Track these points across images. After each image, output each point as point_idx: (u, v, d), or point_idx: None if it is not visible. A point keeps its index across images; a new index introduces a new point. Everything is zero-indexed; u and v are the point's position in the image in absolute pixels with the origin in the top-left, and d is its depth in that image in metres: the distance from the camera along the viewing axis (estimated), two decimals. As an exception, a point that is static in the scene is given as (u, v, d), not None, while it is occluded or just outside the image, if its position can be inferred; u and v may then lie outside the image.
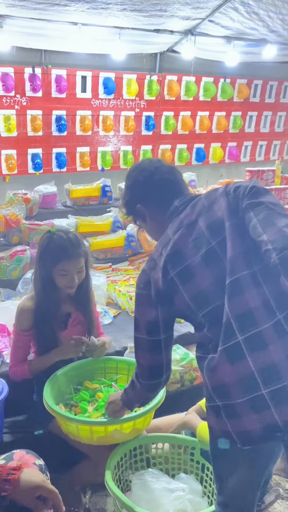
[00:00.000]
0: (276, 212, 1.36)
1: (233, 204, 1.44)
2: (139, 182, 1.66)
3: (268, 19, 4.40)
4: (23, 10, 3.66)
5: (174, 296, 1.48)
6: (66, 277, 2.10)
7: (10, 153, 4.47)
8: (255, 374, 1.31)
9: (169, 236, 1.53)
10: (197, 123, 5.47)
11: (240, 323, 1.34)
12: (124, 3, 3.78)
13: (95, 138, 4.92)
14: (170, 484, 1.72)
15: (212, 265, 1.42)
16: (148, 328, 1.55)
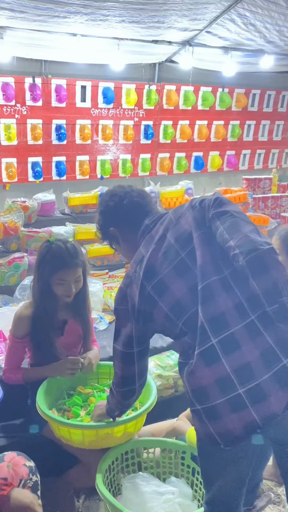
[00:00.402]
0: (240, 219, 1.46)
1: (199, 216, 1.54)
2: (111, 207, 1.76)
3: (265, 30, 4.47)
4: (24, 21, 3.73)
5: (153, 310, 1.54)
6: (64, 286, 2.13)
7: (11, 161, 4.53)
8: (231, 374, 1.37)
9: (142, 253, 1.61)
10: (196, 132, 5.53)
11: (213, 326, 1.40)
12: (122, 15, 3.85)
13: (94, 146, 4.98)
14: (160, 488, 1.74)
15: (184, 275, 1.50)
16: (124, 341, 1.63)
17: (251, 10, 4.08)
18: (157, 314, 1.54)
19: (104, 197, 1.81)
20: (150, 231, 1.66)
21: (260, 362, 1.37)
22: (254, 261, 1.35)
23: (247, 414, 1.35)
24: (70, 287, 2.14)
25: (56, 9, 3.54)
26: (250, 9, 4.07)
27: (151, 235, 1.64)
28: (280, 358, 1.37)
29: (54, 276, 2.12)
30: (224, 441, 1.39)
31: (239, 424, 1.36)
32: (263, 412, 1.35)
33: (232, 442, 1.38)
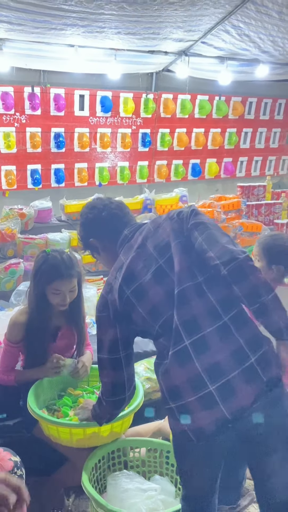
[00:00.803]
0: (215, 230, 1.60)
1: (177, 227, 1.65)
2: (90, 219, 1.86)
3: (259, 40, 4.57)
4: (22, 34, 3.84)
5: (131, 313, 1.63)
6: (59, 296, 2.21)
7: (10, 169, 4.63)
8: (202, 373, 1.47)
9: (122, 261, 1.71)
10: (193, 139, 5.62)
11: (186, 329, 1.51)
12: (118, 27, 3.95)
13: (92, 154, 5.07)
14: (143, 485, 1.81)
15: (161, 281, 1.60)
16: (109, 347, 1.70)
17: (245, 22, 4.18)
18: (135, 317, 1.63)
19: (84, 210, 1.91)
20: (129, 240, 1.75)
21: (229, 360, 1.48)
22: (235, 270, 1.49)
23: (218, 410, 1.45)
24: (65, 297, 2.21)
25: (53, 21, 3.65)
26: (243, 21, 4.16)
27: (130, 244, 1.73)
28: (248, 356, 1.49)
29: (50, 286, 2.20)
30: (197, 436, 1.47)
31: (211, 419, 1.45)
32: (232, 407, 1.45)
33: (204, 437, 1.47)
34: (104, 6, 3.50)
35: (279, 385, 1.52)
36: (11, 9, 3.36)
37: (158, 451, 2.03)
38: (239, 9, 3.93)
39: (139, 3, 3.53)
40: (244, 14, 4.04)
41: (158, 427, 2.11)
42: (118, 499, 1.76)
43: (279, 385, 1.52)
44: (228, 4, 3.88)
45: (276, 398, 1.51)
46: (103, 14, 3.65)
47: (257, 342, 1.52)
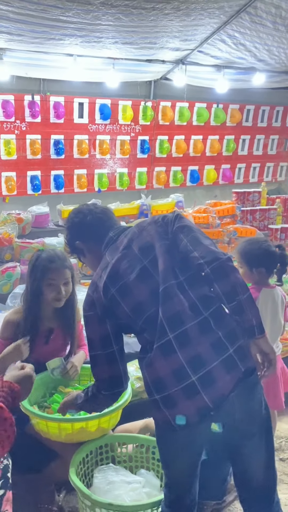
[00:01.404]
0: (199, 233, 1.72)
1: (162, 230, 1.75)
2: (75, 223, 1.94)
3: (255, 49, 4.66)
4: (22, 44, 3.95)
5: (116, 310, 1.72)
6: (54, 287, 2.27)
7: (10, 175, 4.74)
8: (185, 365, 1.57)
9: (107, 261, 1.79)
10: (191, 146, 5.71)
11: (170, 323, 1.61)
12: (115, 37, 4.05)
13: (92, 161, 5.17)
14: (128, 478, 1.87)
15: (145, 280, 1.69)
16: (102, 343, 1.75)
17: (240, 31, 4.27)
18: (119, 313, 1.72)
19: (71, 214, 1.99)
20: (114, 242, 1.84)
21: (210, 352, 1.58)
22: (217, 269, 1.61)
23: (200, 399, 1.55)
24: (60, 289, 2.28)
25: (52, 32, 3.76)
26: (239, 30, 4.26)
27: (116, 245, 1.82)
28: (227, 347, 1.59)
29: (45, 278, 2.27)
30: (180, 425, 1.56)
31: (193, 408, 1.55)
32: (213, 395, 1.55)
33: (187, 425, 1.55)
34: (101, 17, 3.60)
35: (254, 374, 1.63)
36: (11, 20, 3.47)
37: (144, 447, 2.09)
38: (233, 19, 4.03)
39: (135, 14, 3.63)
40: (239, 24, 4.13)
41: (146, 423, 2.17)
42: (103, 491, 1.82)
43: (254, 373, 1.63)
44: (223, 15, 3.97)
45: (251, 385, 1.62)
46: (100, 25, 3.75)
47: (234, 335, 1.62)
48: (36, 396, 2.23)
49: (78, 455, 1.97)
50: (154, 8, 3.57)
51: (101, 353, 1.75)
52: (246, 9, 3.86)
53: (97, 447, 2.07)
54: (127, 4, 3.43)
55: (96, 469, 1.97)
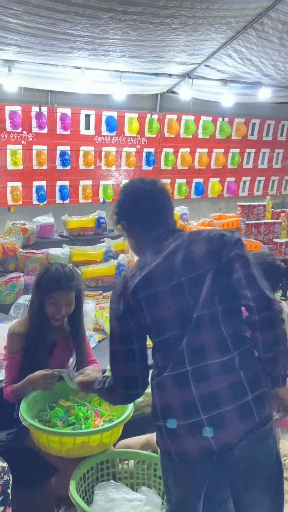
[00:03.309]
0: (256, 270, 1.54)
1: (216, 250, 1.55)
2: (126, 203, 1.73)
3: (261, 64, 4.69)
4: (30, 56, 4.00)
5: (139, 314, 1.60)
6: (55, 306, 2.24)
7: (16, 185, 4.76)
8: (197, 401, 1.47)
9: (147, 261, 1.63)
10: (196, 159, 5.73)
11: (192, 356, 1.50)
12: (122, 51, 4.09)
13: (97, 172, 5.19)
14: (129, 495, 1.84)
15: (176, 297, 1.55)
16: (121, 338, 1.62)
17: (246, 46, 4.31)
18: (141, 319, 1.60)
19: (123, 189, 1.76)
20: (161, 242, 1.64)
21: (227, 394, 1.47)
22: (267, 319, 1.49)
23: (205, 440, 1.46)
24: (61, 309, 2.25)
25: (60, 45, 3.80)
26: (245, 45, 4.29)
27: (161, 247, 1.63)
28: (247, 393, 1.48)
29: (48, 295, 2.25)
30: (180, 458, 1.50)
31: (196, 447, 1.47)
32: (220, 440, 1.45)
33: (187, 460, 1.49)
34: (109, 31, 3.64)
35: (268, 424, 1.52)
36: (20, 33, 3.51)
37: (146, 464, 2.06)
38: (240, 34, 4.07)
39: (143, 28, 3.67)
40: (246, 39, 4.17)
41: (147, 439, 2.14)
42: (103, 508, 1.79)
43: (268, 424, 1.52)
44: (230, 30, 4.01)
45: (263, 436, 1.51)
46: (108, 39, 3.79)
47: (258, 381, 1.51)
48: (37, 410, 2.20)
49: (78, 470, 1.95)
50: (162, 23, 3.61)
51: (120, 349, 1.62)
52: (253, 25, 3.90)
53: (98, 462, 2.04)
54: (135, 19, 3.47)
55: (96, 485, 1.94)
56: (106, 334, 3.21)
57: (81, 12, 3.25)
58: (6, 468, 1.66)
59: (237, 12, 3.68)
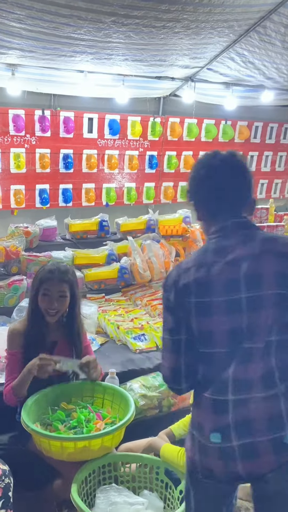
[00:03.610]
0: None
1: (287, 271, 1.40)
2: (193, 180, 1.58)
3: (264, 67, 4.69)
4: (33, 60, 4.01)
5: (188, 313, 1.48)
6: (48, 298, 2.27)
7: (19, 188, 4.76)
8: (231, 427, 1.43)
9: (206, 258, 1.47)
10: (199, 162, 5.72)
11: (236, 387, 1.43)
12: (125, 54, 4.10)
13: (100, 175, 5.20)
14: (131, 498, 1.84)
15: (232, 314, 1.42)
16: (171, 327, 1.52)
17: (249, 50, 4.31)
18: (188, 320, 1.49)
19: (196, 164, 1.60)
20: (227, 236, 1.47)
21: (264, 425, 1.41)
22: None
23: (233, 465, 1.42)
24: (52, 301, 2.27)
25: (63, 48, 3.81)
26: (248, 49, 4.30)
27: (226, 245, 1.46)
28: (284, 429, 1.41)
29: (41, 288, 2.28)
30: (204, 475, 1.47)
31: (223, 470, 1.43)
32: (249, 469, 1.41)
33: (212, 478, 1.46)
34: (112, 35, 3.66)
35: None
36: (23, 37, 3.52)
37: (148, 467, 2.06)
38: (243, 38, 4.07)
39: (145, 32, 3.68)
40: (248, 42, 4.17)
41: (150, 443, 2.14)
42: (105, 512, 1.79)
43: None
44: (233, 33, 4.01)
45: None
46: (111, 42, 3.80)
47: None
48: (38, 413, 2.21)
49: (80, 474, 1.95)
50: (164, 27, 3.62)
51: (167, 338, 1.53)
52: (256, 28, 3.91)
53: (100, 466, 2.04)
54: (137, 23, 3.48)
55: (98, 489, 1.94)
56: (108, 337, 3.22)
57: (84, 16, 3.26)
58: (7, 471, 1.67)
59: (239, 16, 3.69)
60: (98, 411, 2.24)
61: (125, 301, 3.69)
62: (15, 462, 2.06)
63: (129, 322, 3.21)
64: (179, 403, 2.71)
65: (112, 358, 2.88)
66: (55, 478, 2.26)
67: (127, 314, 3.36)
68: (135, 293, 3.75)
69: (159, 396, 2.64)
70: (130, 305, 3.63)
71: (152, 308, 3.46)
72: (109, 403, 2.32)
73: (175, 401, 2.70)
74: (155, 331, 3.11)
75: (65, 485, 2.16)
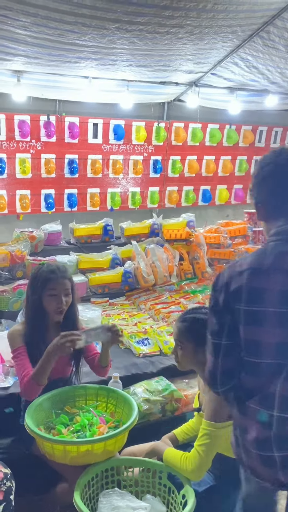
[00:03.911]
0: None
1: None
2: (257, 178, 1.50)
3: (268, 72, 4.70)
4: (38, 66, 4.05)
5: (236, 320, 1.45)
6: (55, 297, 2.29)
7: (25, 193, 4.81)
8: (272, 439, 1.42)
9: (263, 262, 1.40)
10: (203, 166, 5.75)
11: (283, 404, 1.41)
12: (129, 60, 4.13)
13: (105, 180, 5.23)
14: (134, 503, 1.84)
15: (283, 327, 1.37)
16: (213, 329, 1.49)
17: (253, 55, 4.33)
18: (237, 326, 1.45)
19: (260, 161, 1.52)
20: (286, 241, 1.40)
21: None
22: None
23: (274, 473, 1.43)
24: (61, 299, 2.30)
25: (68, 55, 3.85)
26: (251, 54, 4.31)
27: (285, 251, 1.39)
28: None
29: (46, 288, 2.29)
30: (249, 471, 1.51)
31: (267, 475, 1.46)
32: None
33: (257, 476, 1.49)
34: (116, 41, 3.69)
35: None
36: (28, 44, 3.56)
37: (151, 471, 2.06)
38: (246, 43, 4.09)
39: (149, 38, 3.70)
40: (252, 47, 4.19)
41: (153, 447, 2.14)
42: (107, 516, 1.79)
43: None
44: (236, 38, 4.03)
45: None
46: (115, 48, 3.83)
47: None
48: (42, 417, 2.22)
49: (83, 478, 1.95)
50: (168, 32, 3.64)
51: (208, 339, 1.50)
52: (259, 33, 3.92)
53: (103, 470, 2.04)
54: (141, 29, 3.51)
55: (101, 493, 1.95)
56: (112, 341, 3.22)
57: (88, 23, 3.30)
58: (9, 474, 1.68)
59: (243, 21, 3.71)
60: (102, 415, 2.25)
61: (129, 305, 3.70)
62: (19, 465, 2.07)
63: (133, 326, 3.22)
64: (182, 407, 2.71)
65: (115, 362, 2.88)
66: (58, 482, 2.27)
67: (131, 318, 3.37)
68: (139, 297, 3.76)
69: (163, 400, 2.64)
70: (134, 309, 3.64)
71: (156, 312, 3.47)
72: (112, 407, 2.32)
73: (178, 406, 2.70)
74: (159, 335, 3.11)
75: (68, 489, 2.17)
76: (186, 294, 3.77)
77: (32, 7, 2.99)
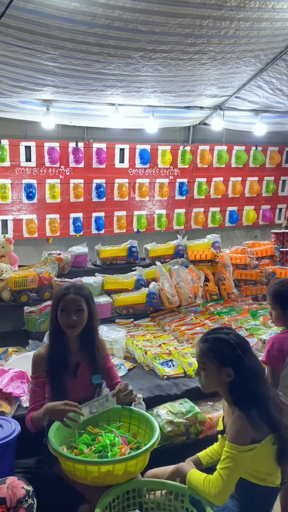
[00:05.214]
0: None
1: None
2: None
3: (292, 94, 4.73)
4: (66, 95, 4.21)
5: None
6: (65, 313, 2.32)
7: (54, 217, 4.94)
8: None
9: None
10: (230, 187, 5.77)
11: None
12: (154, 86, 4.25)
13: (131, 203, 5.32)
14: (154, 526, 1.82)
15: None
16: None
17: (276, 77, 4.37)
18: None
19: None
20: None
21: None
22: None
23: None
24: (70, 315, 2.31)
25: (95, 84, 3.99)
26: (275, 76, 4.36)
27: None
28: None
29: (59, 305, 2.34)
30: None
31: None
32: None
33: None
34: (141, 69, 3.80)
35: None
36: (57, 74, 3.72)
37: (173, 494, 2.03)
38: (269, 66, 4.14)
39: (172, 65, 3.80)
40: (275, 70, 4.23)
41: (177, 468, 2.11)
42: (128, 539, 1.78)
43: None
44: (259, 62, 4.09)
45: None
46: (140, 76, 3.95)
47: None
48: (65, 436, 2.23)
49: (104, 499, 1.95)
50: (191, 59, 3.74)
51: None
52: (282, 56, 3.97)
53: (124, 491, 2.03)
54: (165, 56, 3.61)
55: (121, 514, 1.94)
56: (136, 362, 3.23)
57: (113, 52, 3.43)
58: (31, 491, 1.70)
59: (265, 46, 3.77)
60: (124, 435, 2.24)
61: (154, 326, 3.70)
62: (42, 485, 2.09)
63: (157, 348, 3.22)
64: (207, 430, 2.68)
65: (139, 384, 2.88)
66: (81, 503, 2.26)
67: (155, 340, 3.37)
68: (163, 318, 3.76)
69: (186, 422, 2.62)
70: (158, 330, 3.64)
71: (181, 333, 3.46)
72: (135, 428, 2.31)
73: (203, 429, 2.67)
74: (183, 357, 3.09)
75: (89, 510, 2.16)
76: (211, 316, 3.75)
77: (60, 40, 3.14)
